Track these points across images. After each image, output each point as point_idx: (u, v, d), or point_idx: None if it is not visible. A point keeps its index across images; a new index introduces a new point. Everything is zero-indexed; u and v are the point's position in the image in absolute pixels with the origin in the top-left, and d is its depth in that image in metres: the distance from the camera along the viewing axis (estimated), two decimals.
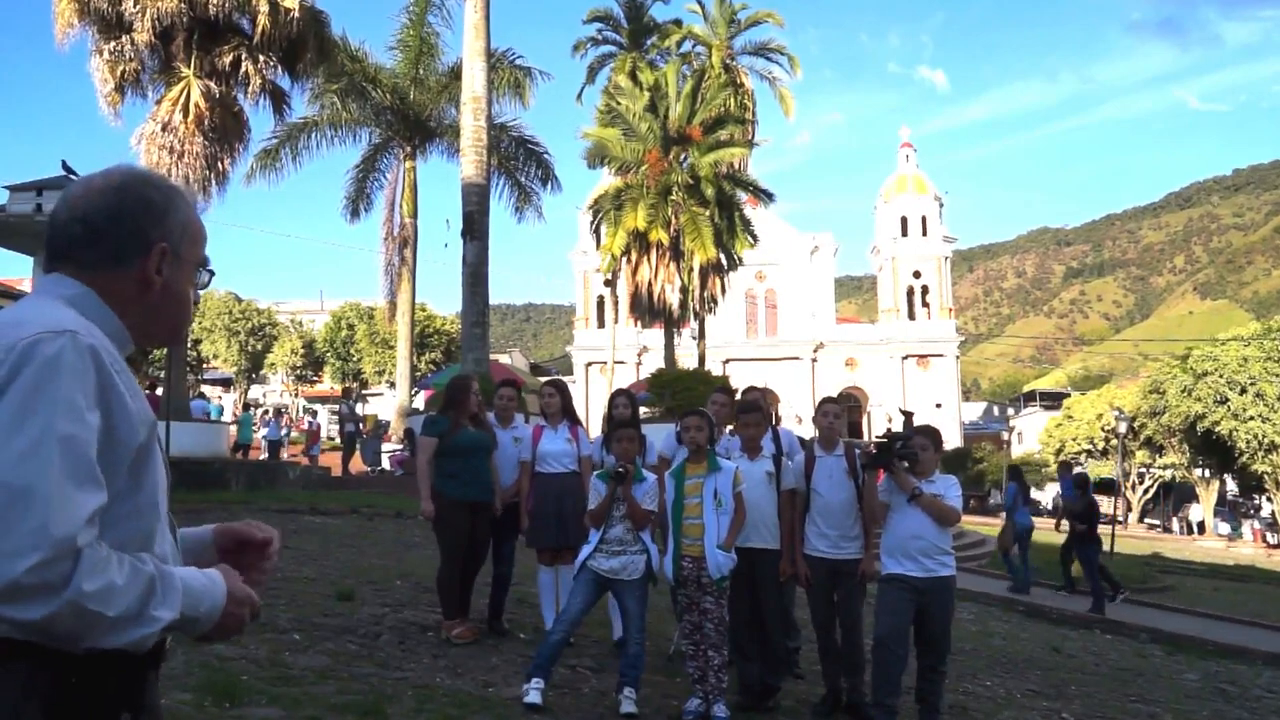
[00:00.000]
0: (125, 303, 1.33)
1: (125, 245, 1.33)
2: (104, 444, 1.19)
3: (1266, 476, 35.08)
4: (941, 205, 57.91)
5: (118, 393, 1.22)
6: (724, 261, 26.76)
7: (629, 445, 4.86)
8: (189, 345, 33.56)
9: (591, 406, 41.73)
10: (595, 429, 7.20)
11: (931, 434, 5.12)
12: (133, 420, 1.24)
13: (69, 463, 1.13)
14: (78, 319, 1.24)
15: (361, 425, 25.12)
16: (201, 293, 1.51)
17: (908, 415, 5.44)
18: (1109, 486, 40.67)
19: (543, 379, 13.08)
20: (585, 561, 4.71)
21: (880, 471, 4.98)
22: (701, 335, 29.91)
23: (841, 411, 5.46)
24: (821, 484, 5.18)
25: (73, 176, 16.78)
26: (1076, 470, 20.27)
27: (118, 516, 1.22)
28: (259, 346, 53.74)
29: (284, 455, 23.59)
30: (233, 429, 21.75)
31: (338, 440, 26.83)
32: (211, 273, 1.48)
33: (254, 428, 24.89)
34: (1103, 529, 13.93)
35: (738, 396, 6.52)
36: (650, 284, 25.46)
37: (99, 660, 1.18)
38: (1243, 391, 33.96)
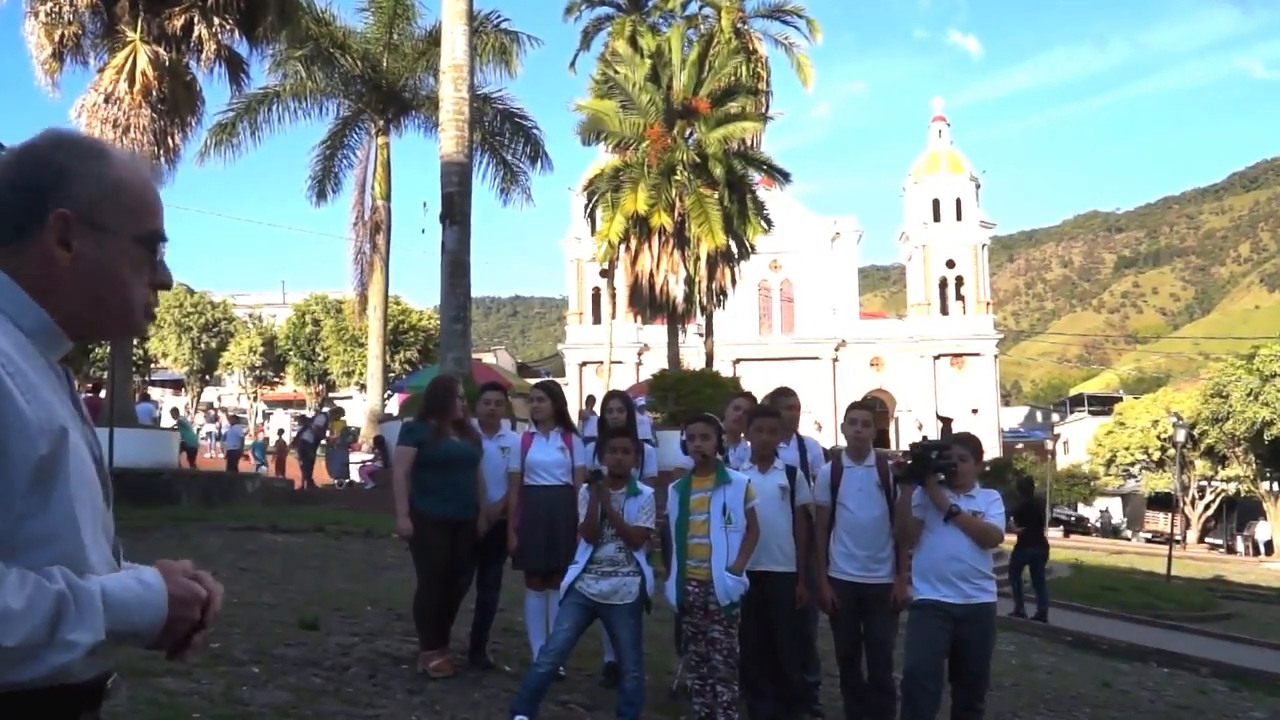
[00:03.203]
0: (40, 286, 1.28)
1: (23, 215, 1.28)
2: None
3: None
4: (978, 186, 57.95)
5: (8, 398, 1.17)
6: (734, 249, 26.79)
7: (624, 457, 4.81)
8: (134, 342, 33.53)
9: None
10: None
11: (971, 443, 5.17)
12: (28, 430, 1.18)
13: None
14: None
15: (329, 434, 25.09)
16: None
17: (946, 421, 5.44)
18: (1165, 501, 40.66)
19: (532, 381, 13.07)
20: (573, 584, 4.69)
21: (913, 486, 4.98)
22: (709, 332, 29.94)
23: (872, 419, 5.48)
24: (850, 498, 5.18)
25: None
26: (1026, 477, 19.98)
27: (26, 542, 1.18)
28: (213, 344, 53.71)
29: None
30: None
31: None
32: (163, 239, 1.40)
33: (196, 430, 24.74)
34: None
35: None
36: (652, 274, 25.47)
37: (21, 700, 1.14)
38: None
